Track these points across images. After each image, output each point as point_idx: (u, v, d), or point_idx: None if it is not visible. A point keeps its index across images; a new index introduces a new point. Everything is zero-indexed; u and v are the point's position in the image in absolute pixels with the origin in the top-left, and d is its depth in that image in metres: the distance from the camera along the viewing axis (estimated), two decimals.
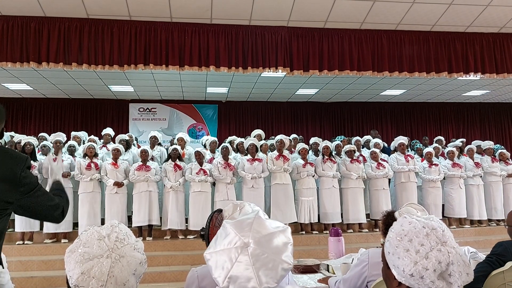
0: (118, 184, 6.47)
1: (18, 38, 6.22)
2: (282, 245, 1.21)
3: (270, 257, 1.17)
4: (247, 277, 1.14)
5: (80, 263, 1.25)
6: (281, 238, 1.23)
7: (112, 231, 1.32)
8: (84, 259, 1.25)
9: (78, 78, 9.56)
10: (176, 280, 5.57)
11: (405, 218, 1.24)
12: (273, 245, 1.20)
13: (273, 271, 1.16)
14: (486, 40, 7.30)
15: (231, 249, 1.18)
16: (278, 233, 1.23)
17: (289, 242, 1.23)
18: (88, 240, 1.29)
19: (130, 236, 1.35)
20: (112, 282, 1.23)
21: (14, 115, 11.57)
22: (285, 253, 1.20)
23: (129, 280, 1.26)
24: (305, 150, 7.15)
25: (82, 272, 1.23)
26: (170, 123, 12.14)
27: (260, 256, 1.16)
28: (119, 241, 1.30)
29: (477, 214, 7.59)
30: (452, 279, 1.14)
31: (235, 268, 1.15)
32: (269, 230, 1.23)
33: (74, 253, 1.28)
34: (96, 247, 1.27)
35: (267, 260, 1.16)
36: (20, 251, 6.08)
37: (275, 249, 1.19)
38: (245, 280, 1.14)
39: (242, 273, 1.15)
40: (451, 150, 7.85)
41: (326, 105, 12.82)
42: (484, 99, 12.76)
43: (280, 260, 1.18)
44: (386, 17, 6.66)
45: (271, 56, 6.72)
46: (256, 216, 1.29)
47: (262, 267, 1.15)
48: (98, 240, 1.28)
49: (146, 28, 6.49)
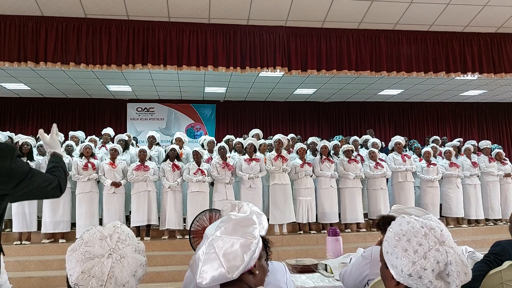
0: (115, 184, 6.46)
1: (15, 37, 6.20)
2: (245, 227, 1.26)
3: (232, 239, 1.22)
4: (214, 265, 1.19)
5: (81, 262, 1.25)
6: (245, 222, 1.29)
7: (114, 232, 1.32)
8: (85, 258, 1.25)
9: (76, 78, 9.54)
10: (174, 280, 5.56)
11: (403, 218, 1.24)
12: (235, 229, 1.25)
13: (236, 251, 1.20)
14: (484, 40, 7.31)
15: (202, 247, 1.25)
16: (243, 219, 1.30)
17: (253, 224, 1.28)
18: (90, 239, 1.30)
19: (132, 238, 1.36)
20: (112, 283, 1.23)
21: (12, 115, 11.54)
22: (247, 230, 1.25)
23: (129, 281, 1.26)
24: (303, 150, 7.15)
25: (82, 271, 1.23)
26: (168, 123, 12.12)
27: (222, 242, 1.22)
28: (120, 242, 1.30)
29: (475, 213, 7.60)
30: (450, 279, 1.15)
31: (204, 261, 1.21)
32: (234, 220, 1.29)
33: (76, 252, 1.28)
34: (98, 246, 1.27)
35: (230, 242, 1.21)
36: (18, 251, 6.07)
37: (238, 231, 1.24)
38: (213, 268, 1.19)
39: (210, 263, 1.20)
40: (449, 149, 7.87)
41: (324, 105, 12.83)
42: (481, 99, 12.80)
43: (241, 241, 1.22)
44: (384, 17, 6.67)
45: (269, 56, 6.72)
46: (227, 215, 1.36)
47: (225, 251, 1.20)
48: (100, 240, 1.29)
49: (144, 27, 6.47)
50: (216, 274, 1.17)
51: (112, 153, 6.65)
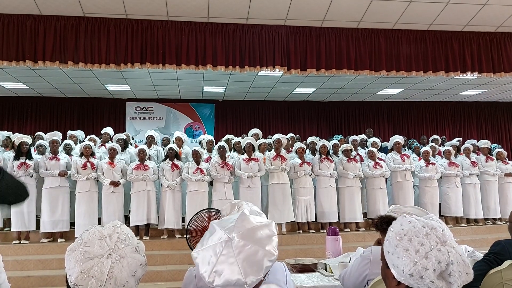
0: (114, 184, 6.44)
1: (13, 36, 6.18)
2: (266, 237, 1.23)
3: (254, 249, 1.18)
4: (231, 269, 1.15)
5: (80, 262, 1.24)
6: (265, 231, 1.24)
7: (114, 232, 1.31)
8: (84, 258, 1.24)
9: (74, 77, 9.51)
10: (173, 279, 5.55)
11: (404, 218, 1.24)
12: (257, 237, 1.21)
13: (258, 262, 1.17)
14: (483, 39, 7.31)
15: (216, 244, 1.20)
16: (262, 226, 1.25)
17: (273, 235, 1.25)
18: (90, 239, 1.28)
19: (131, 238, 1.34)
20: (111, 283, 1.22)
21: (10, 114, 11.52)
22: (269, 244, 1.21)
23: (129, 281, 1.25)
24: (302, 149, 7.14)
25: (81, 271, 1.22)
26: (167, 122, 12.11)
27: (244, 247, 1.18)
28: (120, 242, 1.29)
29: (474, 213, 7.60)
30: (452, 279, 1.14)
31: (220, 261, 1.17)
32: (253, 224, 1.24)
33: (75, 252, 1.27)
34: (97, 246, 1.26)
35: (251, 251, 1.17)
36: (17, 251, 6.05)
37: (259, 241, 1.20)
38: (230, 272, 1.15)
39: (227, 266, 1.16)
40: (448, 149, 7.87)
41: (323, 104, 12.83)
42: (480, 98, 12.80)
43: (265, 251, 1.19)
44: (383, 16, 6.67)
45: (268, 55, 6.71)
46: (241, 213, 1.30)
47: (246, 259, 1.16)
48: (100, 239, 1.28)
49: (142, 26, 6.45)
50: (232, 279, 1.14)
51: (110, 152, 6.64)
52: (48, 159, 6.44)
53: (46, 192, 6.36)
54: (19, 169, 6.28)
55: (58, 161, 6.45)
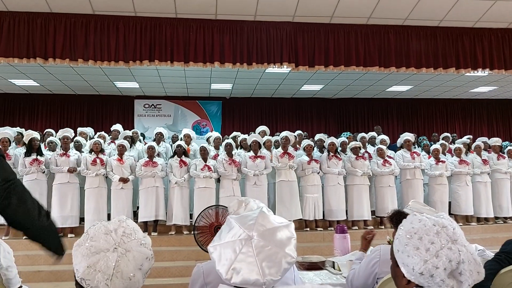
0: (123, 180, 6.48)
1: (24, 34, 6.23)
2: (286, 239, 1.22)
3: (274, 250, 1.18)
4: (250, 268, 1.15)
5: (87, 256, 1.25)
6: (285, 232, 1.24)
7: (120, 226, 1.32)
8: (91, 253, 1.25)
9: (84, 74, 9.58)
10: (180, 275, 5.58)
11: (415, 216, 1.22)
12: (276, 238, 1.21)
13: (277, 263, 1.17)
14: (495, 35, 7.20)
15: (235, 241, 1.19)
16: (282, 227, 1.25)
17: (293, 237, 1.25)
18: (95, 234, 1.30)
19: (137, 232, 1.35)
20: (118, 276, 1.23)
21: (21, 111, 11.64)
22: (288, 246, 1.21)
23: (135, 274, 1.26)
24: (310, 146, 7.11)
25: (88, 265, 1.24)
26: (175, 119, 12.15)
27: (263, 248, 1.17)
28: (125, 236, 1.30)
29: (485, 211, 7.51)
30: (462, 278, 1.12)
31: (239, 259, 1.16)
32: (273, 224, 1.24)
33: (81, 247, 1.29)
34: (103, 241, 1.27)
35: (270, 252, 1.17)
36: (27, 246, 6.10)
37: (278, 243, 1.20)
38: (248, 271, 1.15)
39: (246, 264, 1.15)
40: (458, 147, 7.78)
41: (331, 101, 12.77)
42: (491, 95, 12.65)
43: (284, 253, 1.19)
44: (393, 12, 6.60)
45: (276, 52, 6.69)
46: (261, 211, 1.30)
47: (266, 259, 1.16)
48: (105, 234, 1.29)
49: (151, 24, 6.47)
50: (250, 278, 1.14)
51: (119, 149, 6.69)
52: (59, 155, 6.51)
53: (56, 188, 6.42)
54: (32, 165, 6.35)
55: (68, 158, 6.51)
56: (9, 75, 9.47)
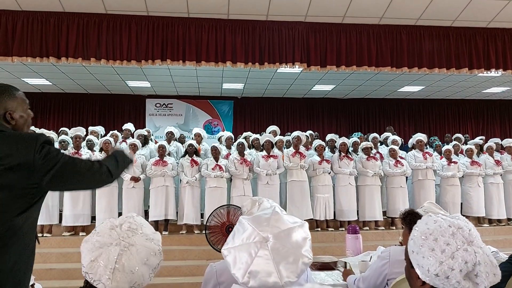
0: (134, 179, 6.53)
1: (37, 33, 6.30)
2: (301, 240, 1.21)
3: (290, 251, 1.17)
4: (267, 271, 1.14)
5: (91, 251, 1.28)
6: (300, 233, 1.23)
7: (126, 221, 1.34)
8: (95, 247, 1.28)
9: (96, 74, 9.67)
10: (191, 275, 5.60)
11: (430, 217, 1.21)
12: (292, 239, 1.20)
13: (294, 265, 1.16)
14: (508, 35, 7.10)
15: (250, 244, 1.18)
16: (297, 228, 1.23)
17: (308, 237, 1.24)
18: (102, 229, 1.32)
19: (144, 227, 1.36)
20: (120, 270, 1.24)
21: (34, 110, 11.57)
22: (304, 247, 1.20)
23: (139, 268, 1.27)
24: (321, 146, 7.09)
25: (91, 259, 1.26)
26: (186, 118, 12.20)
27: (280, 250, 1.16)
28: (130, 230, 1.31)
29: (497, 213, 7.43)
30: (478, 280, 1.11)
31: (255, 262, 1.15)
32: (288, 225, 1.23)
33: (88, 242, 1.32)
34: (107, 236, 1.29)
35: (287, 254, 1.16)
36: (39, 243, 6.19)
37: (294, 244, 1.19)
38: (266, 274, 1.14)
39: (263, 268, 1.14)
40: (470, 147, 7.70)
41: (343, 101, 12.71)
42: (504, 96, 12.48)
43: (300, 254, 1.18)
44: (405, 12, 6.55)
45: (288, 52, 6.68)
46: (274, 211, 1.28)
47: (283, 261, 1.15)
48: (110, 229, 1.31)
49: (163, 23, 6.50)
50: (268, 281, 1.13)
51: (131, 148, 6.73)
52: (71, 154, 6.56)
53: None
54: None
55: (80, 156, 6.56)
56: (22, 74, 9.59)
